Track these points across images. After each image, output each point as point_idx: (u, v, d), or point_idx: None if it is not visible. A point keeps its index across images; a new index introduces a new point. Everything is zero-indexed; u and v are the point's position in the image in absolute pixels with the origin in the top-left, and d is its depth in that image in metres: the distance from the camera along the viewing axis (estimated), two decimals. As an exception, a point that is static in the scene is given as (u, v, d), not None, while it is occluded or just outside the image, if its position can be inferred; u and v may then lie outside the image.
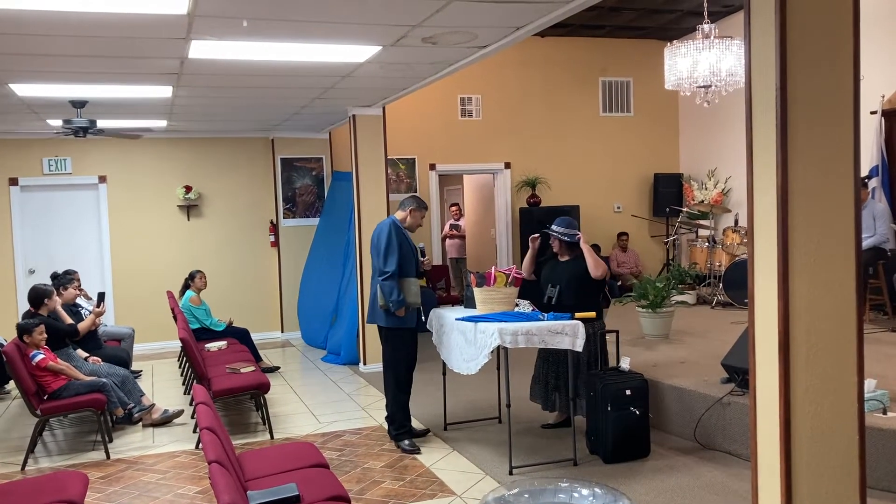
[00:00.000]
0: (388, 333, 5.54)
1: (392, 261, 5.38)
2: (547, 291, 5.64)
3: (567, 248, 5.67)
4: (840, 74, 3.02)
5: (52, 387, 5.74)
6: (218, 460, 2.92)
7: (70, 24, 4.47)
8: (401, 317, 5.43)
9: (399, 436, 5.55)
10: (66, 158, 9.75)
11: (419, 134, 10.82)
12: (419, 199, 5.67)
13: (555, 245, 5.73)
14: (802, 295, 2.99)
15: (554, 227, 5.70)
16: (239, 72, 6.09)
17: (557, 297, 5.54)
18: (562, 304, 5.48)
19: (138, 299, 9.90)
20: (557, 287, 5.58)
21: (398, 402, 5.55)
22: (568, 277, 5.57)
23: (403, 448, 5.46)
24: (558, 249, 5.72)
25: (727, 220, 10.55)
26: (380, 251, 5.44)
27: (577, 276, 5.54)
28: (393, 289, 5.35)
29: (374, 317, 5.59)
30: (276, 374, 8.29)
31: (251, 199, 10.50)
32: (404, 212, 5.59)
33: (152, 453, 5.74)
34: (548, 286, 5.66)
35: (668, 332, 7.37)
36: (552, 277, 5.67)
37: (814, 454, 3.01)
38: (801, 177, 2.97)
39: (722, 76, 7.03)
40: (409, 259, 5.49)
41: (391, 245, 5.41)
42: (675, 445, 5.36)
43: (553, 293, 5.59)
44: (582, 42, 11.36)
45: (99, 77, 6.09)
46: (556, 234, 5.66)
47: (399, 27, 4.86)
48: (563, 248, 5.69)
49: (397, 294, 5.35)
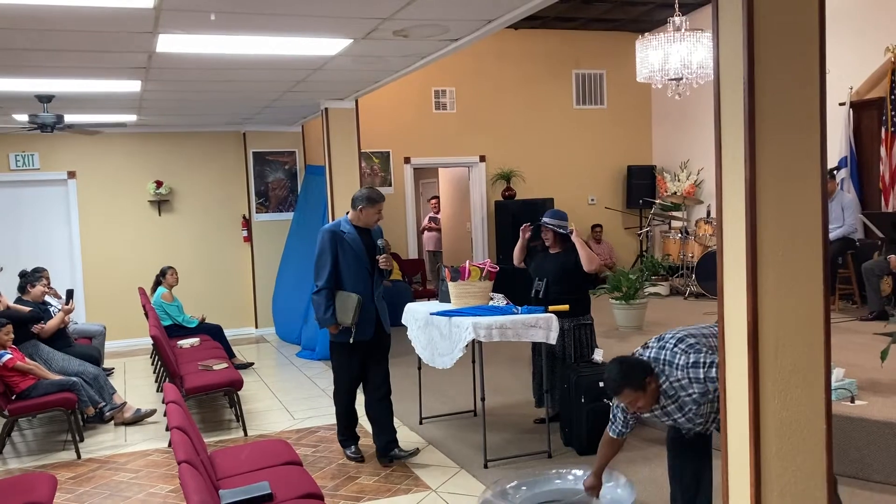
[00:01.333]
0: (329, 345, 5.34)
1: (323, 274, 5.02)
2: (535, 284, 5.62)
3: (559, 240, 5.62)
4: (807, 67, 3.04)
5: (21, 387, 5.66)
6: (188, 460, 2.89)
7: (35, 18, 4.39)
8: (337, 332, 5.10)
9: (342, 441, 5.36)
10: (33, 154, 9.59)
11: (393, 127, 10.78)
12: (370, 194, 5.15)
13: (548, 237, 5.64)
14: (771, 287, 3.01)
15: (546, 219, 5.62)
16: (208, 65, 6.02)
17: (544, 291, 5.52)
18: (548, 298, 5.46)
19: (109, 296, 9.78)
20: (544, 280, 5.56)
21: (336, 410, 5.33)
22: (556, 270, 5.54)
23: (347, 455, 5.28)
24: (551, 242, 5.65)
25: (700, 212, 10.64)
26: (314, 263, 5.12)
27: (566, 269, 5.51)
28: (321, 304, 5.01)
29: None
30: (250, 370, 8.24)
31: (223, 194, 10.41)
32: (354, 211, 5.15)
33: (124, 452, 5.68)
34: (535, 280, 5.63)
35: (641, 324, 7.42)
36: (540, 271, 5.64)
37: (782, 444, 3.05)
38: (769, 170, 2.99)
39: (693, 69, 7.08)
40: (351, 268, 5.05)
41: (323, 257, 5.05)
42: (649, 436, 5.39)
43: (540, 287, 5.57)
44: (555, 34, 11.37)
45: (65, 71, 5.99)
46: (550, 225, 5.58)
47: (370, 20, 4.83)
48: (555, 241, 5.63)
49: (325, 310, 5.00)
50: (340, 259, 5.04)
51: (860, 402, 4.63)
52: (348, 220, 5.17)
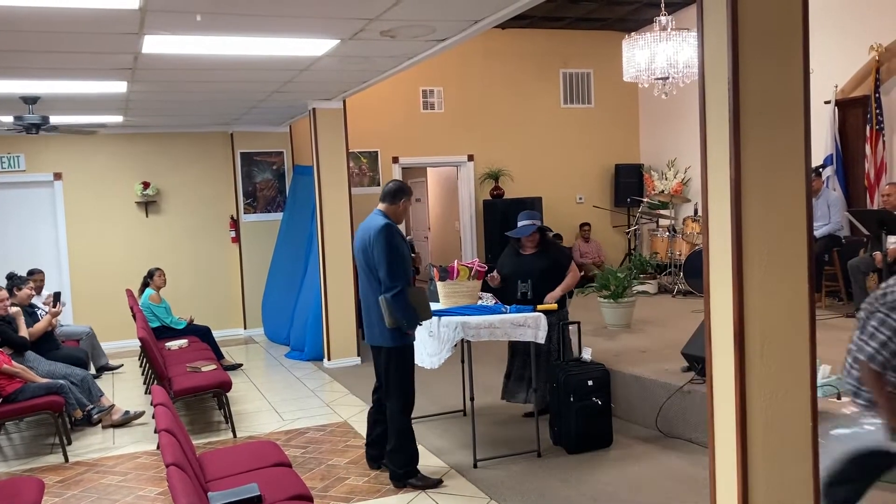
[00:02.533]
0: (390, 353, 4.63)
1: (400, 273, 4.46)
2: (519, 287, 5.59)
3: (539, 241, 5.67)
4: (790, 67, 3.07)
5: (7, 390, 5.62)
6: (176, 463, 2.88)
7: (19, 19, 4.36)
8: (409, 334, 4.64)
9: (410, 472, 4.67)
10: (18, 155, 9.53)
11: (381, 127, 10.77)
12: (406, 186, 4.81)
13: (534, 241, 5.65)
14: (756, 285, 3.04)
15: (522, 223, 5.62)
16: (194, 66, 6.00)
17: (532, 291, 5.53)
18: (537, 297, 5.48)
19: (97, 298, 9.73)
20: (529, 281, 5.57)
21: (405, 433, 4.69)
22: (538, 271, 5.57)
23: (417, 485, 4.62)
24: (536, 246, 5.66)
25: (687, 210, 10.68)
26: (381, 260, 4.47)
27: (548, 270, 5.57)
28: (405, 306, 4.45)
29: (375, 337, 4.68)
30: (238, 371, 8.22)
31: (211, 195, 10.37)
32: (395, 204, 4.69)
33: (112, 455, 5.65)
34: (517, 282, 5.60)
35: (629, 322, 7.45)
36: (520, 272, 5.63)
37: (769, 441, 3.07)
38: (754, 169, 3.01)
39: (679, 68, 7.11)
40: (409, 264, 4.66)
41: (396, 252, 4.48)
42: (638, 434, 5.42)
43: (527, 288, 5.56)
44: (542, 34, 11.38)
45: (50, 73, 5.96)
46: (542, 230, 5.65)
47: (356, 20, 4.83)
48: (534, 242, 5.65)
49: (412, 311, 4.48)
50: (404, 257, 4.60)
51: (847, 398, 4.65)
52: (385, 215, 4.69)
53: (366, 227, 4.68)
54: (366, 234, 4.63)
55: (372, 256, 4.55)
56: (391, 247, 4.48)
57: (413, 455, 4.71)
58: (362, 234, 4.69)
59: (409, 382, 4.70)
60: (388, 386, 4.70)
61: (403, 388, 4.68)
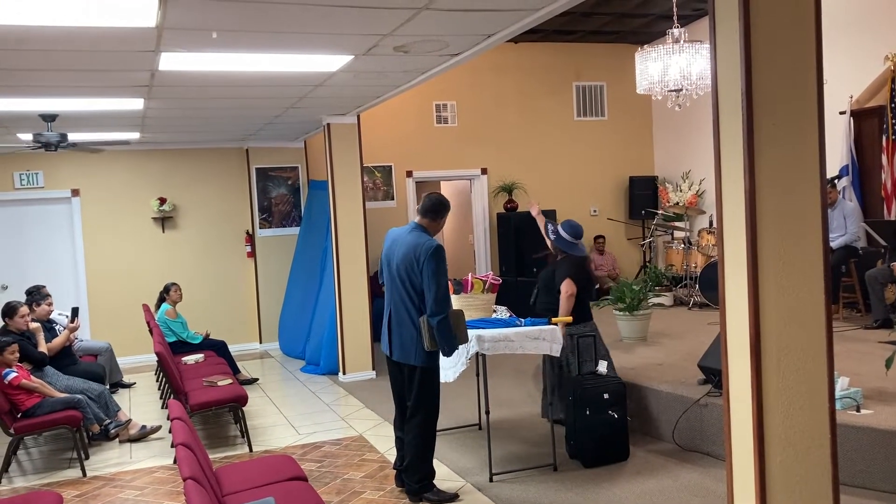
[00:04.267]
0: (423, 373, 4.58)
1: (448, 299, 4.42)
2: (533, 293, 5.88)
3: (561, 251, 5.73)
4: (804, 78, 3.06)
5: (26, 405, 5.67)
6: (193, 476, 2.89)
7: (39, 39, 4.42)
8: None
9: (425, 486, 4.68)
10: (37, 172, 9.64)
11: (395, 141, 10.82)
12: (445, 199, 4.73)
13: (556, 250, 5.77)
14: (772, 297, 3.02)
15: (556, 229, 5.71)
16: (210, 83, 6.06)
17: (534, 298, 5.73)
18: (540, 306, 5.66)
19: (114, 313, 9.80)
20: (536, 289, 5.74)
21: (429, 448, 4.68)
22: (545, 279, 5.74)
23: (432, 500, 4.64)
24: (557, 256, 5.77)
25: (702, 222, 10.64)
26: (429, 280, 4.37)
27: (549, 281, 5.68)
28: (450, 331, 4.39)
29: (408, 356, 4.58)
30: (254, 385, 8.24)
31: (226, 210, 10.44)
32: (436, 221, 4.64)
33: (129, 469, 5.68)
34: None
35: (645, 335, 7.41)
36: (539, 279, 5.89)
37: (787, 455, 3.04)
38: (769, 180, 3.00)
39: (693, 79, 7.11)
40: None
41: (445, 277, 4.41)
42: (655, 448, 5.39)
43: (533, 296, 5.81)
44: (555, 47, 11.42)
45: (69, 90, 6.03)
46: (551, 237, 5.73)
47: (370, 36, 4.86)
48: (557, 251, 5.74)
49: (453, 337, 4.44)
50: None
51: (866, 411, 4.61)
52: (426, 231, 4.62)
53: (410, 242, 4.53)
54: (411, 251, 4.48)
55: (418, 274, 4.43)
56: (442, 271, 4.40)
57: (430, 470, 4.70)
58: (406, 250, 4.52)
59: (437, 399, 4.70)
60: (415, 403, 4.64)
61: (431, 405, 4.66)
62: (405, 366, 4.65)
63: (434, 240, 4.54)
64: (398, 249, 4.59)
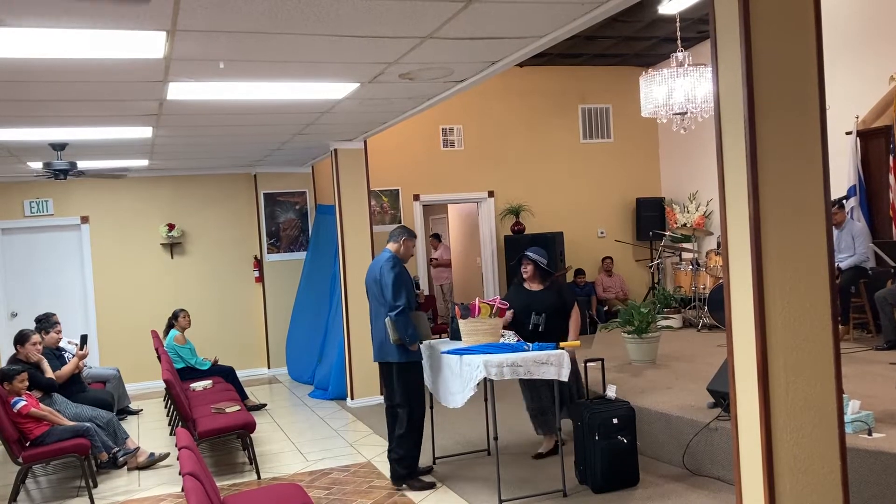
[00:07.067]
0: (400, 369, 5.37)
1: (403, 294, 5.28)
2: (532, 319, 5.69)
3: (540, 277, 5.80)
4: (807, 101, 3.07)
5: (35, 433, 5.67)
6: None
7: (49, 71, 4.49)
8: (413, 350, 5.36)
9: (410, 474, 5.40)
10: (47, 200, 9.72)
11: (402, 165, 10.87)
12: (408, 229, 5.68)
13: (528, 271, 5.81)
14: (779, 320, 3.01)
15: (529, 253, 5.85)
16: (218, 111, 6.12)
17: (545, 324, 5.63)
18: (549, 331, 5.58)
19: (123, 339, 9.82)
20: (542, 315, 5.64)
21: (413, 441, 5.39)
22: (550, 308, 5.69)
23: (415, 486, 5.34)
24: (530, 275, 5.82)
25: (710, 243, 10.62)
26: (387, 286, 5.30)
27: (557, 309, 5.70)
28: (407, 323, 5.25)
29: (385, 354, 5.44)
30: (262, 411, 8.23)
31: (235, 235, 10.49)
32: (397, 243, 5.55)
33: (138, 497, 5.66)
34: (530, 314, 5.70)
35: (654, 358, 7.37)
36: (532, 305, 5.74)
37: (797, 480, 3.02)
38: (773, 204, 3.01)
39: (698, 102, 7.12)
40: (412, 292, 5.47)
41: (400, 278, 5.32)
42: (665, 472, 5.34)
43: (540, 321, 5.65)
44: (560, 71, 11.49)
45: (78, 120, 6.10)
46: (531, 259, 5.82)
47: (376, 64, 4.91)
48: (535, 276, 5.81)
49: (413, 328, 5.27)
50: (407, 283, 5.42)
51: (878, 434, 4.56)
52: (392, 254, 5.52)
53: (375, 261, 5.62)
54: (375, 266, 5.55)
55: (381, 283, 5.38)
56: (395, 273, 5.33)
57: (415, 458, 5.40)
58: (372, 268, 5.61)
59: (418, 394, 5.40)
60: (400, 398, 5.39)
61: (412, 399, 5.37)
62: (386, 365, 5.45)
63: (390, 251, 5.52)
64: (371, 271, 5.63)
